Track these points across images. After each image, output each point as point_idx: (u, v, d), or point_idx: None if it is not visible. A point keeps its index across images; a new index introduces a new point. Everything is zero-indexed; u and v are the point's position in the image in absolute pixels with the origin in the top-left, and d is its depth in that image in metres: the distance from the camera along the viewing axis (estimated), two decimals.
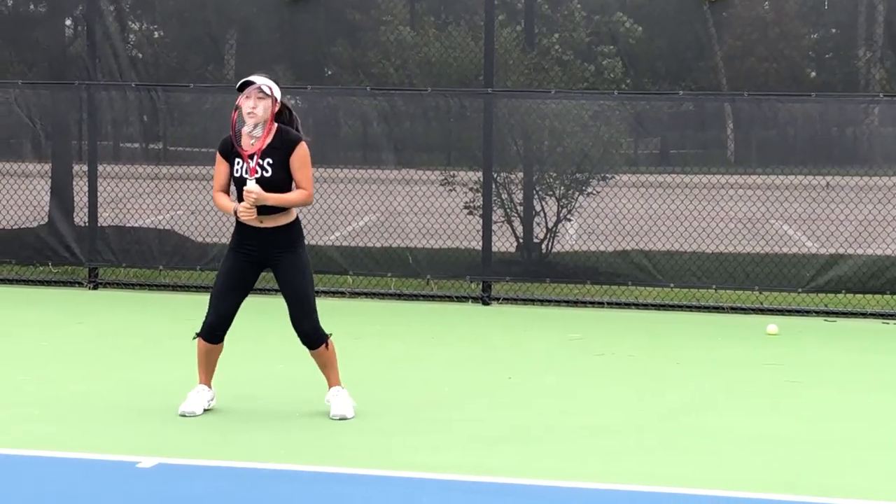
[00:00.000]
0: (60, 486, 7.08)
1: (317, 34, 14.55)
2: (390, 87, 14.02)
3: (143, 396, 9.13)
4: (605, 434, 8.35)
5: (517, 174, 14.05)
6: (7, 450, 7.70)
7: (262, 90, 8.17)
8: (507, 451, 7.88)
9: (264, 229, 8.28)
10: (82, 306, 13.25)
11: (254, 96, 8.17)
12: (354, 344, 11.46)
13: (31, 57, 15.07)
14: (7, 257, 14.49)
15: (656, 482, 7.23)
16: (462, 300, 13.77)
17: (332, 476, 7.33)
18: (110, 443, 7.86)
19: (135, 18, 15.22)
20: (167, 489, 7.05)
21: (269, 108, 8.21)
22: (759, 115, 13.61)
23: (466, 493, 7.08)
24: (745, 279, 13.35)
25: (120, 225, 14.48)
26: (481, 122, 13.73)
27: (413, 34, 14.19)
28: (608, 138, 13.91)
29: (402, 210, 14.08)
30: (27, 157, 14.82)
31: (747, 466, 7.64)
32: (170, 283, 14.23)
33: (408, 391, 9.55)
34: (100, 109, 14.37)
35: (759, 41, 14.03)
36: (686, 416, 8.96)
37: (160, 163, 14.70)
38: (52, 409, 8.70)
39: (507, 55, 13.86)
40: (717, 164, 13.94)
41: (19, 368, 10.02)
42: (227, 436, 8.04)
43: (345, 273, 13.99)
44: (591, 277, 13.69)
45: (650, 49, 14.13)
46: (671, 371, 10.50)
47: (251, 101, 8.17)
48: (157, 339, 11.52)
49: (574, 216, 13.99)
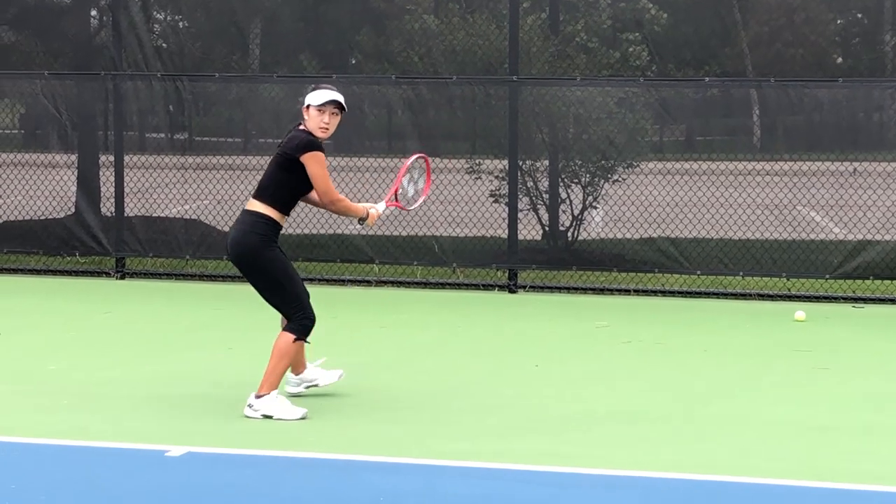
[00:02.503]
0: (90, 475, 7.11)
1: (342, 23, 14.56)
2: (415, 75, 14.01)
3: (171, 385, 9.16)
4: (632, 421, 8.34)
5: (542, 162, 14.03)
6: (36, 439, 7.73)
7: (341, 106, 8.26)
8: (534, 439, 7.88)
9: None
10: (109, 296, 13.29)
11: (328, 112, 8.22)
12: (381, 332, 11.49)
13: (57, 48, 15.12)
14: (35, 248, 14.55)
15: (683, 469, 7.22)
16: (488, 288, 13.77)
17: (361, 464, 7.35)
18: (139, 431, 7.90)
19: (160, 8, 15.26)
20: (196, 478, 7.07)
21: (336, 124, 8.30)
22: (785, 101, 13.55)
23: (493, 480, 7.08)
24: (772, 266, 13.31)
25: (146, 215, 14.53)
26: (506, 110, 13.72)
27: (437, 22, 14.18)
28: (633, 125, 13.88)
29: (427, 198, 14.05)
30: (54, 147, 14.88)
31: (775, 453, 7.63)
32: (196, 272, 14.26)
33: (434, 379, 9.56)
34: (125, 100, 14.41)
35: (785, 27, 13.98)
36: (713, 402, 8.95)
37: (186, 153, 14.74)
38: (81, 399, 8.74)
39: (532, 43, 13.84)
40: (743, 151, 13.91)
41: (48, 358, 10.07)
42: (256, 424, 8.06)
43: (371, 262, 14.00)
44: (617, 265, 13.68)
45: (676, 35, 14.10)
46: (698, 358, 10.48)
47: (326, 117, 8.22)
48: (184, 328, 11.55)
49: (600, 204, 13.97)
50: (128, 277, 14.33)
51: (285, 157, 8.20)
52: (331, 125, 8.24)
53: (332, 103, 8.22)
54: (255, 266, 8.19)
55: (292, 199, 8.31)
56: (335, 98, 8.23)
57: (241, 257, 8.21)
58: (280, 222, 8.27)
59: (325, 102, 8.20)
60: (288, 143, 8.24)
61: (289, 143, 8.23)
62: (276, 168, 8.25)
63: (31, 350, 10.46)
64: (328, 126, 8.23)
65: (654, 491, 6.93)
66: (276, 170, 8.25)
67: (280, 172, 8.23)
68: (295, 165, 8.17)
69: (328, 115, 8.22)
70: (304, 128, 8.27)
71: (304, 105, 8.27)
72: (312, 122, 8.23)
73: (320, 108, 8.21)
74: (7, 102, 15.54)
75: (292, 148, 8.18)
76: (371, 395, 9.01)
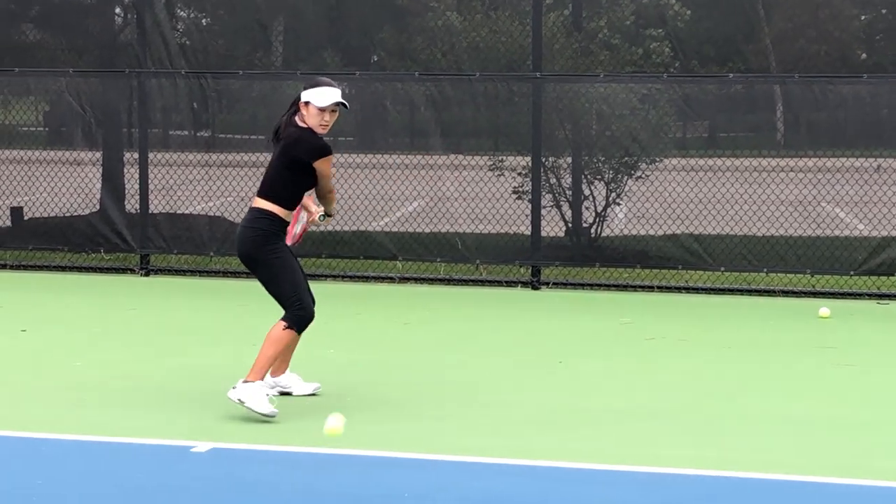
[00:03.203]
0: (115, 471, 7.14)
1: (364, 20, 14.57)
2: (438, 72, 14.02)
3: (196, 381, 9.20)
4: (657, 418, 8.34)
5: (565, 158, 14.02)
6: (63, 435, 7.78)
7: (344, 106, 8.25)
8: (557, 435, 7.89)
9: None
10: (134, 293, 13.34)
11: (329, 111, 8.20)
12: (404, 329, 11.50)
13: (81, 45, 15.17)
14: (60, 245, 14.61)
15: (708, 465, 7.22)
16: (511, 285, 13.77)
17: (385, 460, 7.37)
18: (165, 427, 7.93)
19: (184, 6, 15.29)
20: (222, 473, 7.10)
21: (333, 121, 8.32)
22: (809, 98, 13.51)
23: (517, 476, 7.10)
24: (796, 262, 13.28)
25: (171, 212, 14.56)
26: (529, 106, 13.71)
27: (460, 19, 14.18)
28: (657, 122, 13.87)
29: (450, 195, 14.09)
30: (78, 145, 14.93)
31: (798, 449, 7.62)
32: (220, 269, 14.30)
33: (457, 375, 9.57)
34: (150, 97, 14.45)
35: (809, 23, 13.94)
36: (737, 399, 8.94)
37: (210, 150, 14.77)
38: (106, 395, 8.78)
39: (555, 39, 13.83)
40: (767, 147, 13.87)
41: (74, 354, 10.11)
42: (280, 421, 8.09)
43: (394, 258, 14.02)
44: (640, 261, 13.66)
45: (699, 31, 14.06)
46: (722, 355, 10.47)
47: (327, 116, 8.21)
48: (209, 324, 11.59)
49: (623, 200, 13.95)
50: (152, 274, 14.37)
51: (295, 161, 8.18)
52: (331, 123, 8.26)
53: (339, 105, 8.23)
54: (258, 259, 8.24)
55: (298, 196, 8.34)
56: (341, 101, 8.21)
57: (246, 252, 8.28)
58: (286, 218, 8.30)
59: (330, 104, 8.19)
60: (296, 146, 8.18)
61: (297, 146, 8.18)
62: (283, 168, 8.24)
63: (57, 346, 10.51)
64: (328, 124, 8.24)
65: (678, 487, 6.93)
66: (284, 170, 8.24)
67: (287, 173, 8.24)
68: (306, 168, 8.20)
69: (329, 113, 8.21)
70: (302, 124, 8.23)
71: (303, 101, 8.20)
72: (312, 119, 8.18)
73: (328, 108, 8.19)
74: (32, 100, 15.60)
75: (305, 152, 8.16)
76: (394, 391, 9.02)
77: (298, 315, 8.23)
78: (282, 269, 8.25)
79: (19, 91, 15.42)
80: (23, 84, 15.20)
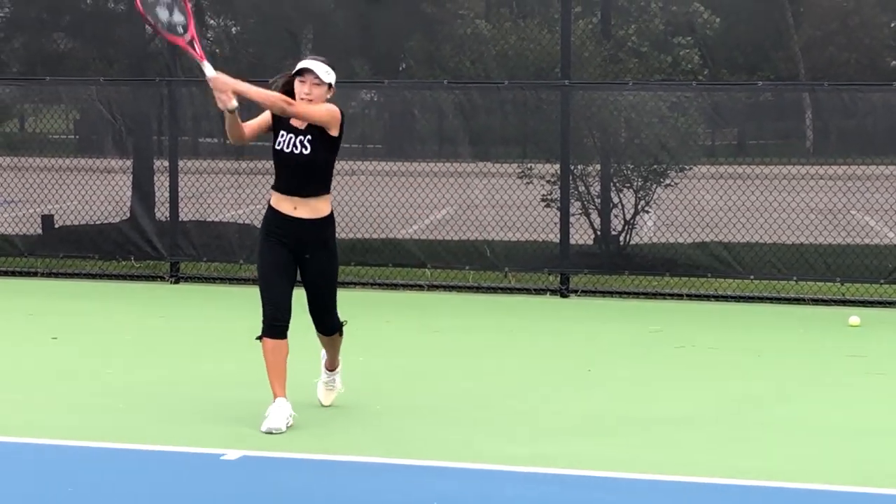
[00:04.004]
0: (146, 479, 7.17)
1: (393, 28, 14.61)
2: (466, 80, 14.04)
3: (226, 389, 9.23)
4: (685, 426, 8.33)
5: (594, 166, 14.02)
6: (93, 442, 7.80)
7: (318, 77, 7.98)
8: (587, 443, 7.89)
9: (298, 220, 8.04)
10: (164, 300, 13.39)
11: (309, 82, 7.96)
12: (433, 337, 11.51)
13: (112, 54, 15.25)
14: (90, 252, 14.67)
15: (736, 474, 7.21)
16: (540, 293, 13.77)
17: (414, 468, 7.37)
18: (195, 435, 7.96)
19: (213, 14, 15.36)
20: (252, 481, 7.12)
21: (323, 94, 7.99)
22: (838, 105, 13.47)
23: (546, 484, 7.09)
24: (825, 270, 13.23)
25: (200, 220, 14.62)
26: (558, 114, 13.71)
27: (489, 27, 14.20)
28: (686, 129, 13.85)
29: (479, 203, 14.10)
30: (109, 153, 15.00)
31: (829, 458, 7.60)
32: (250, 276, 14.30)
33: (486, 383, 9.57)
34: (180, 105, 14.52)
35: (839, 30, 13.92)
36: (766, 407, 8.92)
37: (239, 157, 14.82)
38: (137, 402, 8.81)
39: (584, 47, 13.83)
40: (796, 155, 13.83)
41: (104, 361, 10.16)
42: (311, 428, 8.10)
43: (423, 266, 14.03)
44: (669, 269, 13.64)
45: (728, 39, 14.05)
46: (751, 363, 10.44)
47: (306, 87, 7.96)
48: (238, 332, 11.60)
49: (652, 208, 13.94)
50: (182, 282, 14.42)
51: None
52: (312, 96, 7.95)
53: (306, 71, 7.96)
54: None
55: (277, 167, 8.11)
56: (307, 65, 7.96)
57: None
58: (276, 206, 8.05)
59: (299, 70, 7.96)
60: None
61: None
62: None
63: (88, 353, 10.56)
64: (309, 97, 7.95)
65: (709, 496, 6.92)
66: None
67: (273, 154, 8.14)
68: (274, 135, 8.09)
69: (309, 84, 7.96)
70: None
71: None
72: (297, 93, 7.99)
73: (300, 78, 7.98)
74: (63, 108, 15.70)
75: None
76: (424, 399, 9.03)
77: (263, 319, 8.11)
78: (260, 267, 8.17)
79: (50, 99, 15.53)
80: (54, 92, 15.30)
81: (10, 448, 7.76)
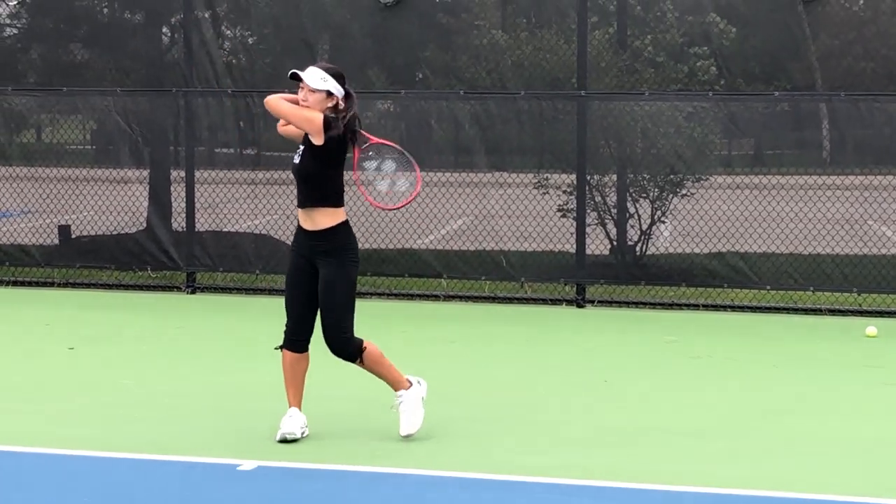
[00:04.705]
0: (162, 489, 7.18)
1: (409, 39, 14.61)
2: (483, 90, 14.05)
3: (242, 400, 9.24)
4: (702, 437, 8.31)
5: (610, 176, 14.01)
6: (109, 452, 7.82)
7: (309, 85, 7.93)
8: (603, 453, 7.88)
9: (305, 231, 8.05)
10: (181, 310, 13.42)
11: (306, 89, 7.96)
12: (449, 347, 11.51)
13: (128, 65, 15.28)
14: (107, 262, 14.71)
15: (752, 485, 7.19)
16: (556, 303, 13.76)
17: (432, 479, 7.37)
18: (211, 445, 7.97)
19: (230, 25, 15.39)
20: (268, 491, 7.12)
21: (320, 102, 7.93)
22: (855, 115, 13.45)
23: (564, 495, 7.08)
24: (842, 281, 13.21)
25: (217, 230, 14.64)
26: (574, 124, 13.71)
27: (505, 37, 14.20)
28: (702, 139, 13.83)
29: (495, 213, 14.10)
30: (126, 163, 15.03)
31: (847, 470, 7.58)
32: (266, 287, 14.36)
33: (503, 394, 9.56)
34: (196, 116, 14.55)
35: (856, 40, 13.88)
36: (784, 418, 8.89)
37: (255, 168, 14.84)
38: (153, 412, 8.83)
39: (600, 57, 13.83)
40: (813, 165, 13.80)
41: (121, 372, 10.17)
42: (327, 438, 8.11)
43: (439, 276, 14.04)
44: (686, 280, 13.62)
45: (744, 49, 14.03)
46: (768, 374, 10.42)
47: (302, 94, 7.98)
48: (255, 342, 11.63)
49: (668, 218, 13.92)
50: (198, 292, 14.44)
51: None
52: (309, 103, 7.93)
53: (294, 76, 7.93)
54: None
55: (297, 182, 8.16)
56: (296, 71, 7.93)
57: None
58: (299, 218, 8.12)
59: (290, 76, 7.94)
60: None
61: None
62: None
63: (105, 363, 10.58)
64: (306, 103, 7.92)
65: None
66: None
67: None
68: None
69: (305, 91, 7.95)
70: None
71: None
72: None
73: (300, 86, 7.98)
74: (79, 118, 15.72)
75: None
76: (440, 409, 9.02)
77: (284, 332, 8.20)
78: (285, 280, 8.25)
79: (67, 110, 15.56)
80: (70, 103, 15.34)
81: (27, 459, 7.77)
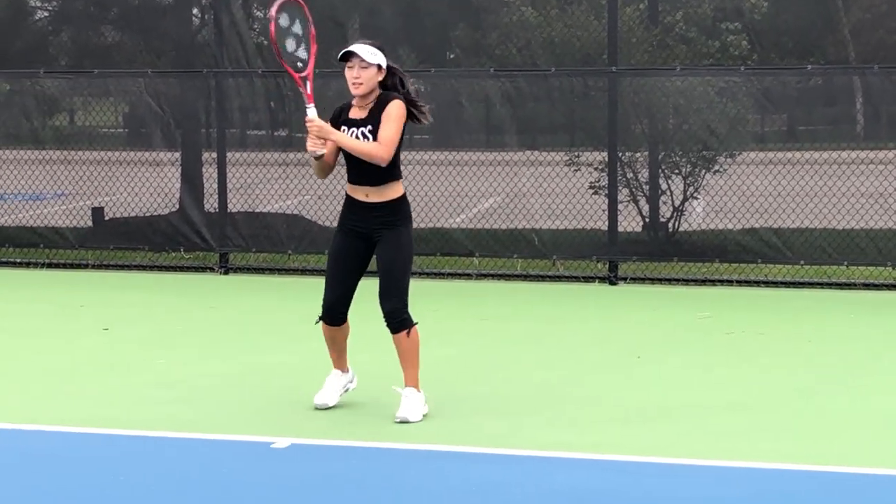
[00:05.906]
0: (196, 467, 7.21)
1: (439, 17, 14.60)
2: (513, 68, 14.01)
3: (275, 378, 9.26)
4: (736, 412, 8.29)
5: (642, 153, 13.96)
6: (144, 431, 7.86)
7: (364, 60, 7.98)
8: (637, 430, 7.87)
9: (369, 204, 8.06)
10: (214, 291, 13.46)
11: (357, 66, 7.98)
12: (482, 325, 11.51)
13: (159, 47, 15.31)
14: (140, 244, 14.76)
15: (787, 460, 7.17)
16: (588, 280, 13.73)
17: (464, 455, 7.38)
18: (244, 424, 7.99)
19: (260, 5, 15.39)
20: (302, 469, 7.14)
21: (373, 77, 8.01)
22: (889, 89, 13.36)
23: (599, 471, 7.08)
24: (877, 255, 13.13)
25: (249, 211, 14.67)
26: (605, 101, 13.66)
27: (535, 15, 14.16)
28: (735, 115, 13.76)
29: (526, 191, 14.08)
30: (157, 145, 15.07)
31: (881, 444, 7.54)
32: (298, 267, 14.38)
33: (535, 371, 9.56)
34: (227, 97, 14.56)
35: (889, 13, 13.78)
36: (817, 394, 8.86)
37: (287, 149, 14.86)
38: (188, 391, 8.87)
39: (631, 33, 13.77)
40: (847, 140, 13.72)
41: (155, 352, 10.22)
42: (359, 416, 8.13)
43: (471, 255, 14.02)
44: (719, 256, 13.56)
45: (776, 24, 13.94)
46: (802, 349, 10.38)
47: (354, 72, 7.99)
48: (287, 322, 11.66)
49: (701, 194, 13.87)
50: (231, 273, 14.48)
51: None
52: (362, 79, 7.99)
53: (351, 55, 7.96)
54: None
55: (346, 159, 8.17)
56: (350, 48, 7.95)
57: None
58: (351, 194, 8.15)
59: (344, 55, 7.95)
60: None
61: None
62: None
63: (139, 344, 10.63)
64: (357, 80, 7.99)
65: (761, 481, 6.89)
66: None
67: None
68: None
69: (357, 69, 7.98)
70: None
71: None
72: (347, 80, 8.05)
73: (347, 64, 8.00)
74: (111, 101, 15.77)
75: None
76: (473, 386, 9.04)
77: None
78: (328, 256, 8.31)
79: (99, 93, 15.60)
80: (102, 86, 15.38)
81: (64, 438, 7.82)
